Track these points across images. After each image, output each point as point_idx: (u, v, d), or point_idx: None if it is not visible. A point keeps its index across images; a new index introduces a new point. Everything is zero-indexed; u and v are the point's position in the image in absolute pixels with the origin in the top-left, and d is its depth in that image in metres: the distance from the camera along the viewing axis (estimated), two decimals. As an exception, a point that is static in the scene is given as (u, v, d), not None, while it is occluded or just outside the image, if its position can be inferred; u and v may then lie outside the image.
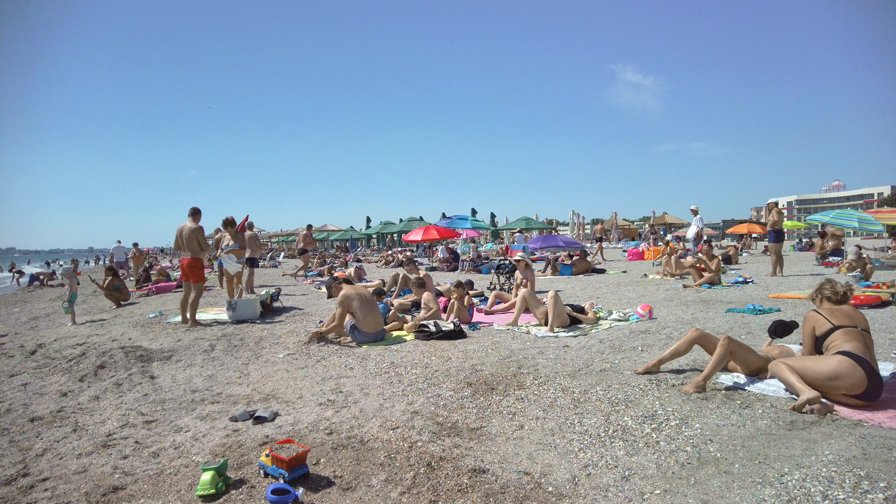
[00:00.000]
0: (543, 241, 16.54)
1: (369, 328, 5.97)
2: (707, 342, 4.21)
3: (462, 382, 4.24)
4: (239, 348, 6.12)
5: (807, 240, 27.08)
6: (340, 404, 3.86)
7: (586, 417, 3.39)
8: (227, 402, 4.12)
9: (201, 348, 6.14)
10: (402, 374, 4.60)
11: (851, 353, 3.45)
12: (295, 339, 6.38)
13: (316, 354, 5.57)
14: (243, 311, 8.14)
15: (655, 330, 6.16)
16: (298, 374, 4.86)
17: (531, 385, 4.12)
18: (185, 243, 7.98)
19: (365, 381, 4.46)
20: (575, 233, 37.81)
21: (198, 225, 8.06)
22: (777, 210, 11.16)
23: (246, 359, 5.61)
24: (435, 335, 6.05)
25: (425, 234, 20.67)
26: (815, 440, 2.90)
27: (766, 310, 6.92)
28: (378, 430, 3.30)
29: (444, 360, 5.01)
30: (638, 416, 3.37)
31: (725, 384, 3.95)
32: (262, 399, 4.15)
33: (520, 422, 3.36)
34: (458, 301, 7.09)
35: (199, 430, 3.49)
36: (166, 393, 4.45)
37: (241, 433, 3.40)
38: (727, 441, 2.93)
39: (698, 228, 14.25)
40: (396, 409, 3.68)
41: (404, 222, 33.73)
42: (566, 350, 5.33)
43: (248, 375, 4.94)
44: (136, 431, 3.55)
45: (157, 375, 5.06)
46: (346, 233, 41.95)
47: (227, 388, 4.52)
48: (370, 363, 5.06)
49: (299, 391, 4.29)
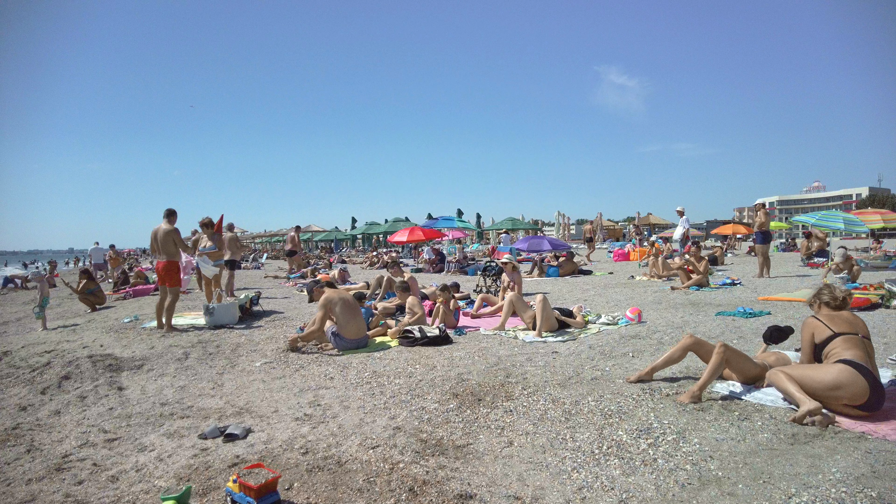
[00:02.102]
0: (530, 242, 16.38)
1: (352, 334, 5.74)
2: (701, 349, 4.06)
3: (448, 393, 4.04)
4: (214, 356, 5.86)
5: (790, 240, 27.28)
6: (318, 419, 3.64)
7: (578, 432, 3.21)
8: (197, 417, 3.88)
9: (175, 356, 5.87)
10: (384, 384, 4.39)
11: (853, 362, 3.32)
12: (273, 346, 6.14)
13: (294, 363, 5.33)
14: (221, 316, 7.85)
15: (646, 334, 6.02)
16: (275, 384, 4.62)
17: (520, 396, 3.94)
18: (160, 246, 7.68)
19: (345, 392, 4.23)
20: (560, 233, 37.81)
21: (173, 227, 7.77)
22: (764, 211, 11.12)
23: (221, 368, 5.35)
24: (420, 341, 5.84)
25: (411, 234, 20.42)
26: (820, 456, 2.75)
27: (756, 313, 6.82)
28: (357, 449, 3.08)
29: (428, 369, 4.81)
30: (633, 429, 3.19)
31: (721, 393, 3.79)
32: (235, 413, 3.91)
33: (509, 437, 3.17)
34: (443, 305, 6.89)
35: (165, 450, 3.25)
36: (133, 406, 4.18)
37: (210, 453, 3.16)
38: (728, 458, 2.77)
39: (685, 229, 14.22)
40: (377, 424, 3.47)
41: (390, 223, 33.42)
42: (555, 356, 5.16)
43: (222, 386, 4.69)
44: (95, 451, 3.29)
45: (126, 386, 4.79)
46: (331, 233, 41.52)
47: (198, 401, 4.27)
48: (351, 372, 4.83)
49: (275, 404, 4.06)
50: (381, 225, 35.54)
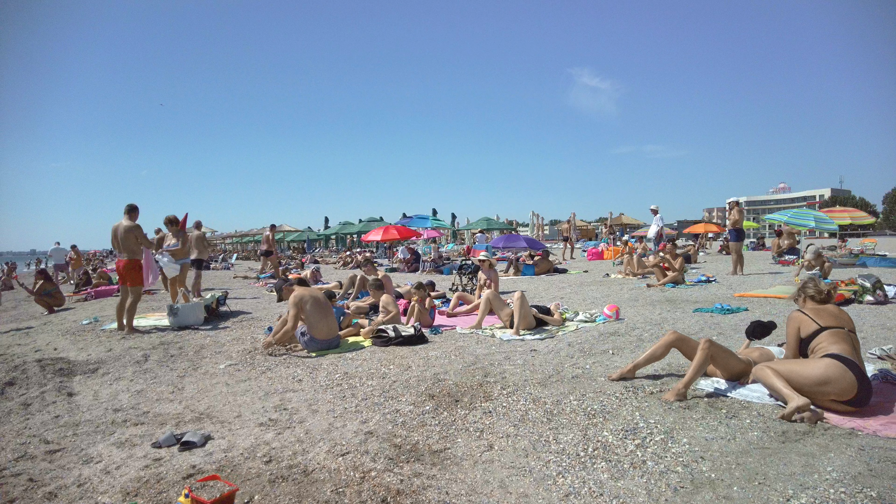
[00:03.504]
0: (506, 240, 16.26)
1: (322, 334, 5.47)
2: (685, 346, 3.94)
3: (423, 394, 3.83)
4: (176, 358, 5.54)
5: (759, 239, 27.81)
6: (284, 424, 3.38)
7: (562, 433, 3.03)
8: (153, 424, 3.58)
9: (133, 359, 5.53)
10: (356, 386, 4.15)
11: (840, 356, 3.22)
12: (240, 348, 5.84)
13: (261, 365, 5.05)
14: (185, 317, 7.51)
15: (625, 331, 5.91)
16: (239, 387, 4.34)
17: (499, 396, 3.75)
18: (121, 243, 7.28)
19: (314, 395, 3.98)
20: (535, 233, 37.91)
21: (134, 223, 7.37)
22: (738, 209, 11.18)
23: (182, 370, 5.04)
24: (394, 341, 5.61)
25: (385, 234, 20.05)
26: (813, 454, 2.62)
27: (734, 309, 6.78)
28: (325, 456, 2.84)
29: (403, 369, 4.59)
30: (618, 429, 3.03)
31: (706, 391, 3.67)
32: (194, 419, 3.63)
33: (489, 440, 2.97)
34: (418, 304, 6.68)
35: (114, 461, 2.96)
36: (83, 414, 3.86)
37: (164, 463, 2.89)
38: (719, 458, 2.62)
39: (659, 228, 14.27)
40: (348, 429, 3.23)
41: (364, 222, 33.00)
42: (534, 355, 5.00)
43: (182, 390, 4.39)
44: (33, 465, 2.98)
45: (77, 392, 4.45)
46: (303, 233, 40.84)
47: (155, 406, 3.97)
48: (321, 374, 4.58)
49: (238, 408, 3.79)
50: (354, 224, 35.07)
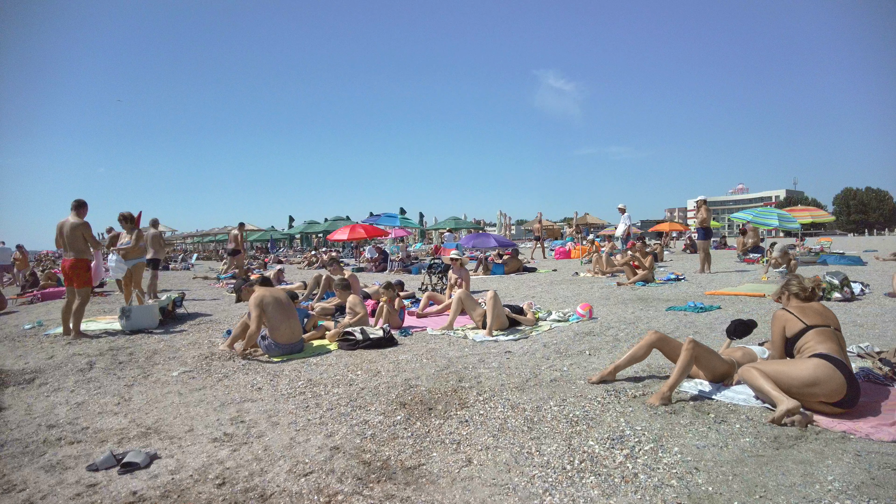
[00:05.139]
0: (476, 239, 16.08)
1: (284, 338, 5.13)
2: (667, 346, 3.78)
3: (394, 403, 3.56)
4: (125, 365, 5.11)
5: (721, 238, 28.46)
6: (240, 440, 3.06)
7: (545, 443, 2.81)
8: (92, 441, 3.20)
9: (77, 367, 5.07)
10: (320, 394, 3.85)
11: (829, 356, 3.11)
12: (196, 353, 5.44)
13: (218, 371, 4.68)
14: (139, 320, 7.03)
15: (600, 331, 5.77)
16: (193, 397, 3.98)
17: (475, 402, 3.51)
18: (66, 241, 6.76)
19: (274, 405, 3.66)
20: (502, 232, 38.01)
21: (82, 220, 6.86)
22: (706, 208, 11.27)
23: (131, 379, 4.63)
24: (361, 344, 5.31)
25: (352, 233, 19.60)
26: (810, 461, 2.48)
27: (707, 307, 6.74)
28: (286, 477, 2.54)
29: (372, 375, 4.30)
30: (604, 438, 2.84)
31: (690, 393, 3.52)
32: (140, 434, 3.26)
33: (467, 454, 2.73)
34: (387, 304, 6.39)
35: (39, 489, 2.59)
36: (11, 432, 3.44)
37: (99, 489, 2.54)
38: (714, 468, 2.45)
39: (626, 226, 14.32)
40: (311, 444, 2.93)
41: (329, 221, 32.40)
42: (509, 357, 4.79)
43: (129, 401, 4.00)
44: (-58, 496, 2.59)
45: (8, 406, 4.01)
46: (267, 233, 39.87)
47: (97, 420, 3.58)
48: (283, 381, 4.25)
49: (190, 421, 3.44)
50: (320, 223, 34.42)
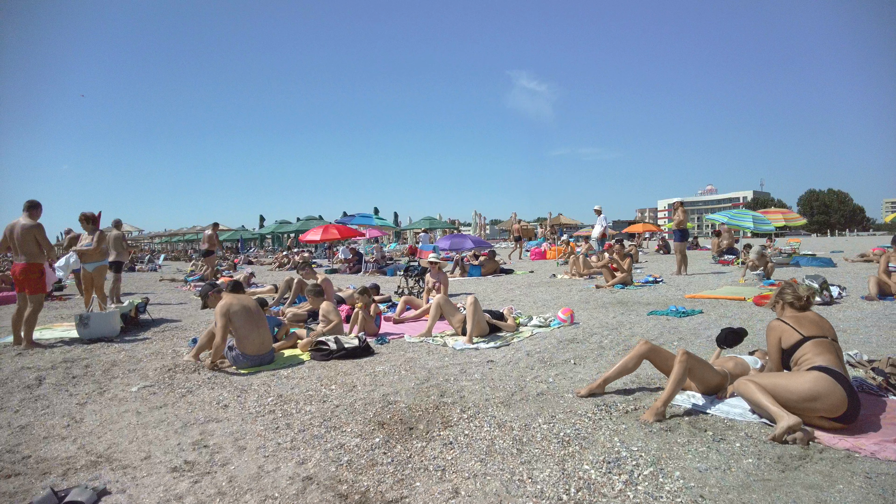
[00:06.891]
0: (452, 241, 15.87)
1: (253, 349, 4.81)
2: (657, 357, 3.63)
3: (372, 422, 3.31)
4: (79, 380, 4.72)
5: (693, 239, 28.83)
6: (202, 469, 2.76)
7: (536, 468, 2.60)
8: (32, 474, 2.86)
9: (24, 383, 4.67)
10: (291, 413, 3.56)
11: (828, 369, 2.98)
12: (158, 364, 5.08)
13: (181, 386, 4.35)
14: (98, 327, 6.60)
15: (583, 338, 5.61)
16: (152, 416, 3.65)
17: (459, 420, 3.29)
18: (18, 245, 6.28)
19: (241, 426, 3.36)
20: (477, 233, 37.94)
21: (35, 222, 6.39)
22: (683, 210, 11.30)
23: (84, 396, 4.26)
24: (336, 354, 5.03)
25: (325, 233, 19.15)
26: (820, 486, 2.32)
27: (689, 312, 6.65)
28: (252, 515, 2.28)
29: (347, 390, 4.04)
30: (599, 461, 2.64)
31: (684, 407, 3.37)
32: (89, 464, 2.94)
33: (453, 482, 2.50)
34: (362, 310, 6.12)
35: (-35, 534, 2.27)
36: (-60, 461, 3.07)
37: (36, 534, 2.23)
38: (720, 496, 2.27)
39: (603, 228, 14.30)
40: (282, 473, 2.66)
41: (302, 221, 31.82)
42: (491, 367, 4.58)
43: (80, 423, 3.64)
44: None
45: (-60, 429, 3.62)
46: (237, 232, 38.99)
47: (41, 448, 3.23)
48: (251, 397, 3.95)
49: (147, 446, 3.12)
50: (292, 223, 33.80)
